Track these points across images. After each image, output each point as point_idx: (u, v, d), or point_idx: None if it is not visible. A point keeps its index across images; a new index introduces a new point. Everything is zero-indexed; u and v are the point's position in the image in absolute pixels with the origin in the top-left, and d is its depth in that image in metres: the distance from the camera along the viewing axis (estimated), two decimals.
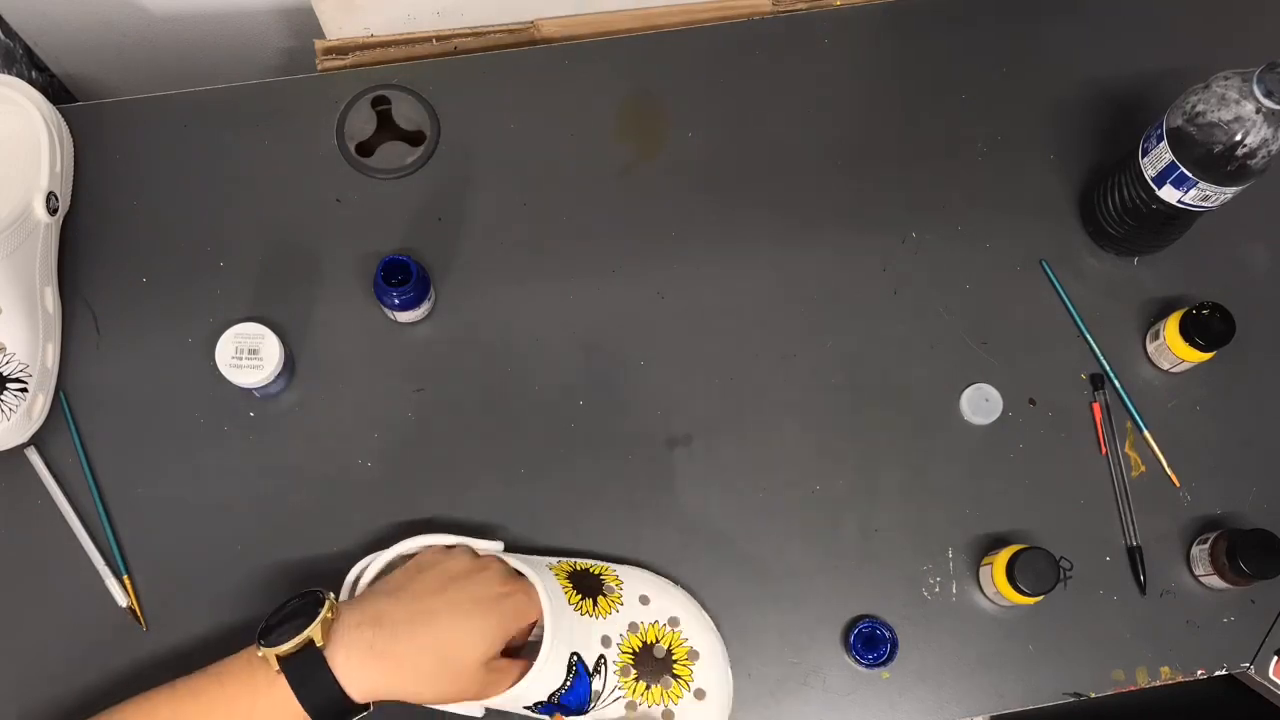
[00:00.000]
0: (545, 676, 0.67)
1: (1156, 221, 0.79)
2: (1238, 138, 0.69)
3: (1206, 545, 0.77)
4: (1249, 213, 0.82)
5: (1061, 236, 0.86)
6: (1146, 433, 0.81)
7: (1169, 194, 0.75)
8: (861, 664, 0.75)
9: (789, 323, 0.83)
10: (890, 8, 0.92)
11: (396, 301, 0.77)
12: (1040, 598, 0.72)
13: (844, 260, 0.85)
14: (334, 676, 0.61)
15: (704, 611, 0.75)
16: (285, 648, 0.61)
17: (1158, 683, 0.77)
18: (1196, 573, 0.78)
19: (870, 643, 0.75)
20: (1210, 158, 0.71)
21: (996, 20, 0.91)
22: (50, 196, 0.79)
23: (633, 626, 0.72)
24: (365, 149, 0.87)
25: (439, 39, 0.91)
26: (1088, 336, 0.83)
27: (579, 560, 0.75)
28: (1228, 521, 0.80)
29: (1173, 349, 0.79)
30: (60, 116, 0.84)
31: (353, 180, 0.86)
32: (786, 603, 0.78)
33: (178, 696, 0.63)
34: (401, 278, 0.76)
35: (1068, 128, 0.88)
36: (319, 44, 0.91)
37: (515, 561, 0.70)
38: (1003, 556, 0.73)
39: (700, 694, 0.71)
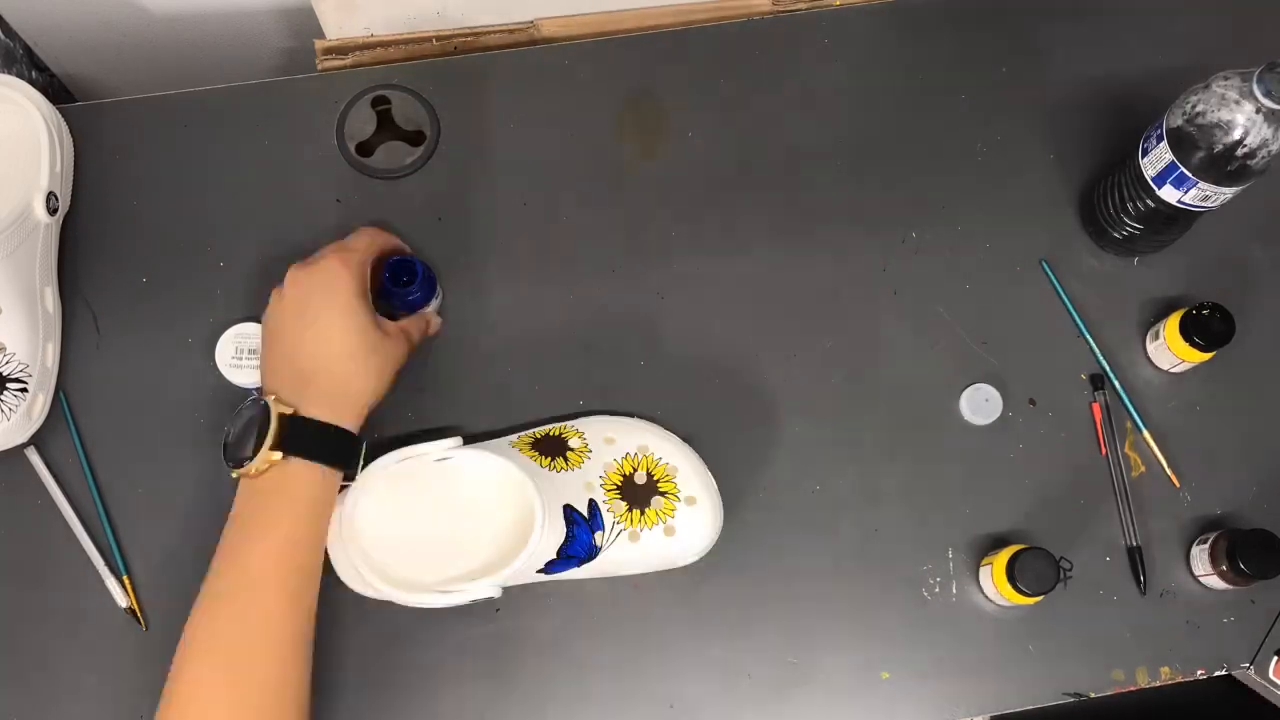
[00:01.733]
0: (548, 537, 0.69)
1: (1156, 221, 0.79)
2: (1237, 138, 0.69)
3: (1206, 545, 0.77)
4: (1249, 213, 0.82)
5: (1061, 236, 0.86)
6: (1146, 433, 0.81)
7: (1169, 194, 0.75)
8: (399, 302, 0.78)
9: (789, 323, 0.83)
10: (890, 8, 0.92)
11: (407, 301, 0.77)
12: (1040, 598, 0.72)
13: (844, 260, 0.85)
14: (334, 426, 0.69)
15: (668, 431, 0.78)
16: (271, 439, 0.67)
17: (1158, 683, 0.77)
18: (1196, 573, 0.78)
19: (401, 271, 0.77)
20: (1210, 158, 0.71)
21: (996, 20, 0.91)
22: (50, 196, 0.79)
23: (607, 466, 0.75)
24: (365, 149, 0.87)
25: (439, 39, 0.91)
26: (1088, 336, 0.83)
27: (537, 429, 0.78)
28: (1228, 521, 0.80)
29: (1172, 349, 0.79)
30: (60, 116, 0.84)
31: (353, 180, 0.86)
32: (786, 603, 0.78)
33: (220, 572, 0.68)
34: (408, 278, 0.76)
35: (1068, 128, 0.88)
36: (319, 44, 0.91)
37: (477, 450, 0.72)
38: (1003, 557, 0.73)
39: (691, 500, 0.75)
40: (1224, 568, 0.75)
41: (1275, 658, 0.77)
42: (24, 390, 0.76)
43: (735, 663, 0.76)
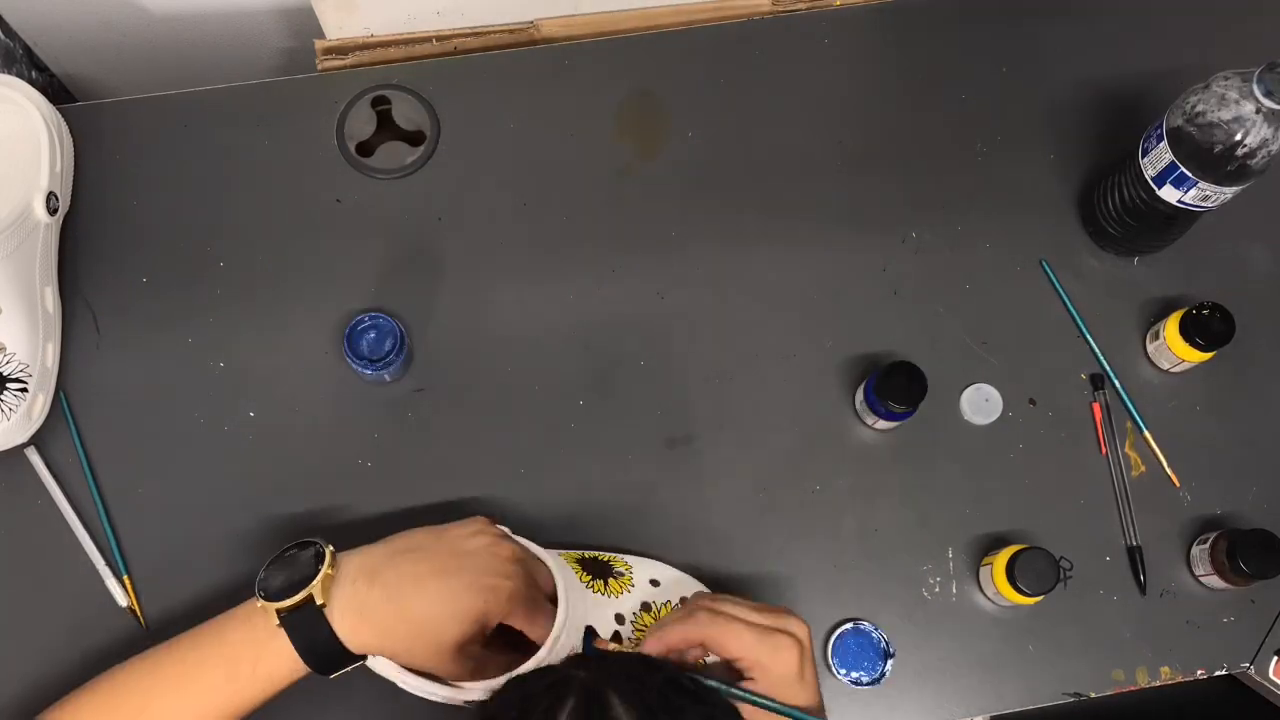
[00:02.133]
0: (560, 649, 0.66)
1: (1156, 221, 0.79)
2: (1238, 138, 0.69)
3: (1206, 545, 0.77)
4: (1249, 213, 0.82)
5: (1061, 236, 0.86)
6: (1146, 433, 0.81)
7: (1169, 194, 0.75)
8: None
9: (789, 323, 0.83)
10: (890, 8, 0.92)
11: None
12: (1040, 598, 0.72)
13: (844, 260, 0.85)
14: (333, 632, 0.63)
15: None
16: (287, 603, 0.62)
17: (1158, 683, 0.77)
18: (1196, 573, 0.78)
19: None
20: (1210, 158, 0.71)
21: (996, 20, 0.91)
22: (50, 196, 0.79)
23: (645, 606, 0.71)
24: (365, 149, 0.87)
25: (439, 39, 0.91)
26: (1088, 336, 0.83)
27: (587, 550, 0.75)
28: (1228, 521, 0.80)
29: (1173, 349, 0.79)
30: (60, 116, 0.84)
31: (353, 180, 0.86)
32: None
33: (179, 649, 0.65)
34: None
35: (1068, 128, 0.88)
36: (319, 44, 0.91)
37: (525, 543, 0.70)
38: (1003, 556, 0.73)
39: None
40: (1224, 568, 0.75)
41: (1275, 658, 0.77)
42: (24, 390, 0.76)
43: None
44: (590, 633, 0.67)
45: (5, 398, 0.75)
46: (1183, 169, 0.73)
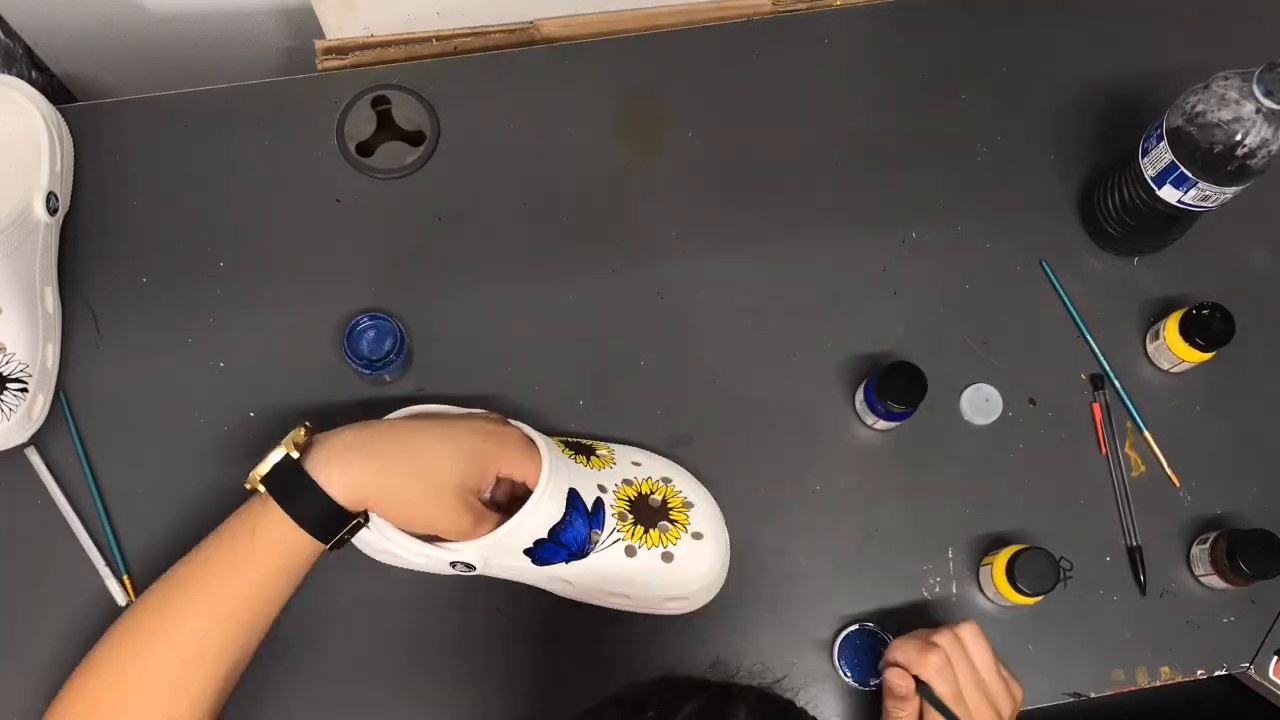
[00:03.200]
0: (544, 506, 0.67)
1: (1156, 221, 0.79)
2: (1237, 138, 0.69)
3: (1206, 545, 0.77)
4: (1249, 213, 0.82)
5: (1061, 236, 0.86)
6: (1146, 433, 0.81)
7: (1169, 194, 0.75)
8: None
9: (789, 323, 0.83)
10: (890, 7, 0.92)
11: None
12: (1040, 598, 0.72)
13: (844, 260, 0.85)
14: (315, 482, 0.61)
15: (695, 479, 0.76)
16: (261, 468, 0.62)
17: (1158, 683, 0.77)
18: (1196, 573, 0.78)
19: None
20: (1210, 158, 0.71)
21: (996, 20, 0.91)
22: (50, 196, 0.79)
23: (627, 480, 0.73)
24: (365, 149, 0.87)
25: (439, 39, 0.91)
26: (1087, 336, 0.83)
27: (571, 436, 0.77)
28: (1228, 521, 0.80)
29: (1173, 349, 0.79)
30: (60, 116, 0.84)
31: (353, 180, 0.86)
32: (786, 602, 0.78)
33: (190, 555, 0.65)
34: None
35: (1068, 128, 0.88)
36: (319, 44, 0.91)
37: (511, 422, 0.72)
38: (1003, 556, 0.73)
39: (698, 535, 0.72)
40: (1224, 568, 0.75)
41: (1275, 658, 0.77)
42: (24, 390, 0.76)
43: (735, 664, 0.76)
44: (575, 495, 0.69)
45: (5, 398, 0.75)
46: (1183, 169, 0.73)
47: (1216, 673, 0.77)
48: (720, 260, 0.85)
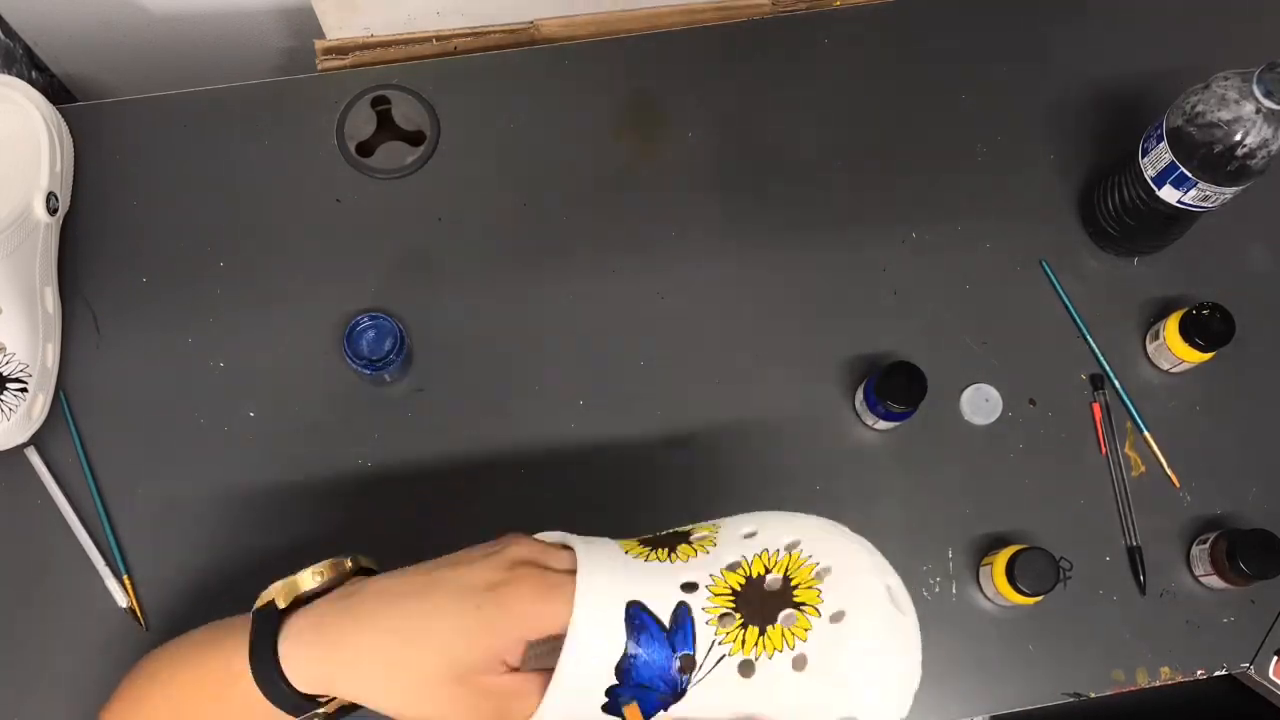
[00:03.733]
0: (589, 643, 0.47)
1: (1156, 222, 0.79)
2: (1237, 138, 0.69)
3: (1206, 545, 0.77)
4: (1249, 213, 0.82)
5: (1061, 236, 0.86)
6: (1146, 433, 0.81)
7: (1169, 194, 0.75)
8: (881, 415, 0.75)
9: (789, 323, 0.83)
10: (890, 8, 0.92)
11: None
12: (1040, 598, 0.72)
13: (844, 260, 0.85)
14: (277, 656, 0.50)
15: (844, 528, 0.53)
16: (263, 596, 0.52)
17: (1158, 683, 0.77)
18: (1196, 573, 0.78)
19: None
20: (1210, 158, 0.71)
21: (996, 20, 0.91)
22: (50, 196, 0.79)
23: (732, 565, 0.50)
24: (365, 149, 0.87)
25: (439, 39, 0.91)
26: (1087, 337, 0.83)
27: (680, 528, 0.55)
28: (1228, 521, 0.80)
29: (1172, 349, 0.79)
30: (60, 116, 0.84)
31: (353, 180, 0.86)
32: None
33: (183, 647, 0.56)
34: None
35: (1067, 128, 0.88)
36: (319, 44, 0.91)
37: (553, 535, 0.54)
38: (1003, 556, 0.73)
39: (838, 616, 0.48)
40: (1224, 568, 0.75)
41: (1275, 658, 0.77)
42: (24, 390, 0.76)
43: None
44: (638, 611, 0.48)
45: (5, 398, 0.75)
46: (1183, 169, 0.73)
47: (1216, 673, 0.77)
48: (720, 260, 0.85)
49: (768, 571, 0.49)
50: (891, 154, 0.88)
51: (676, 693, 0.48)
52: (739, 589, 0.49)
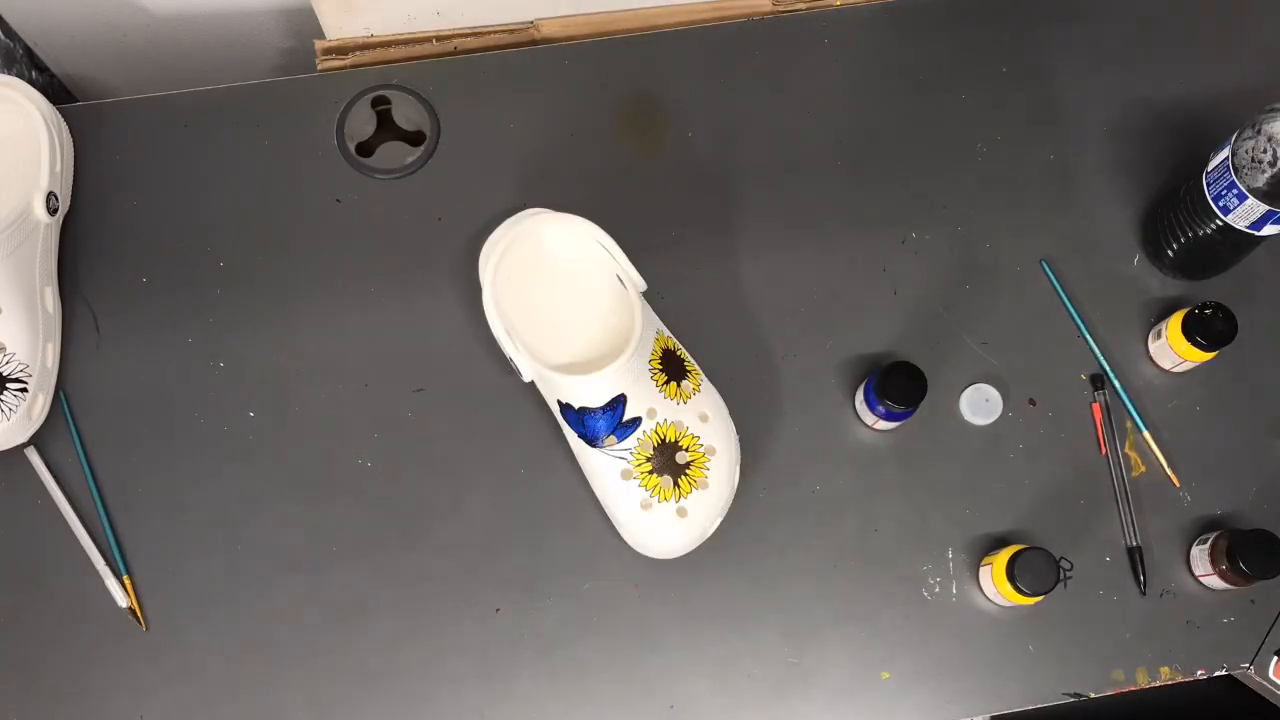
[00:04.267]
0: (599, 385, 0.71)
1: (1242, 249, 0.79)
2: None
3: (1206, 545, 0.77)
4: None
5: (1061, 236, 0.86)
6: (1146, 433, 0.81)
7: (1271, 230, 0.75)
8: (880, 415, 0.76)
9: (789, 323, 0.83)
10: (890, 8, 0.92)
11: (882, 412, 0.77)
12: (1040, 598, 0.72)
13: (844, 260, 0.85)
14: None
15: (737, 461, 0.77)
16: None
17: (1158, 683, 0.77)
18: (1196, 573, 0.78)
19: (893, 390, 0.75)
20: None
21: (996, 20, 0.91)
22: (50, 196, 0.79)
23: (679, 424, 0.74)
24: (365, 149, 0.87)
25: (439, 39, 0.91)
26: (1087, 337, 0.83)
27: (680, 345, 0.79)
28: (1228, 521, 0.80)
29: (1174, 348, 0.79)
30: (60, 116, 0.84)
31: (353, 180, 0.86)
32: (786, 602, 0.78)
33: None
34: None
35: (1067, 127, 0.88)
36: (319, 44, 0.91)
37: (634, 295, 0.74)
38: (1002, 557, 0.73)
39: (682, 512, 0.74)
40: (1224, 568, 0.75)
41: (1275, 658, 0.77)
42: (24, 390, 0.76)
43: (735, 663, 0.76)
44: (622, 401, 0.72)
45: (5, 398, 0.75)
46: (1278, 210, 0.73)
47: (1216, 673, 0.77)
48: (720, 260, 0.85)
49: (685, 448, 0.74)
50: (891, 154, 0.88)
51: (591, 441, 0.74)
52: (665, 440, 0.74)
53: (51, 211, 0.80)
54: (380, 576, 0.77)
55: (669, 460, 0.74)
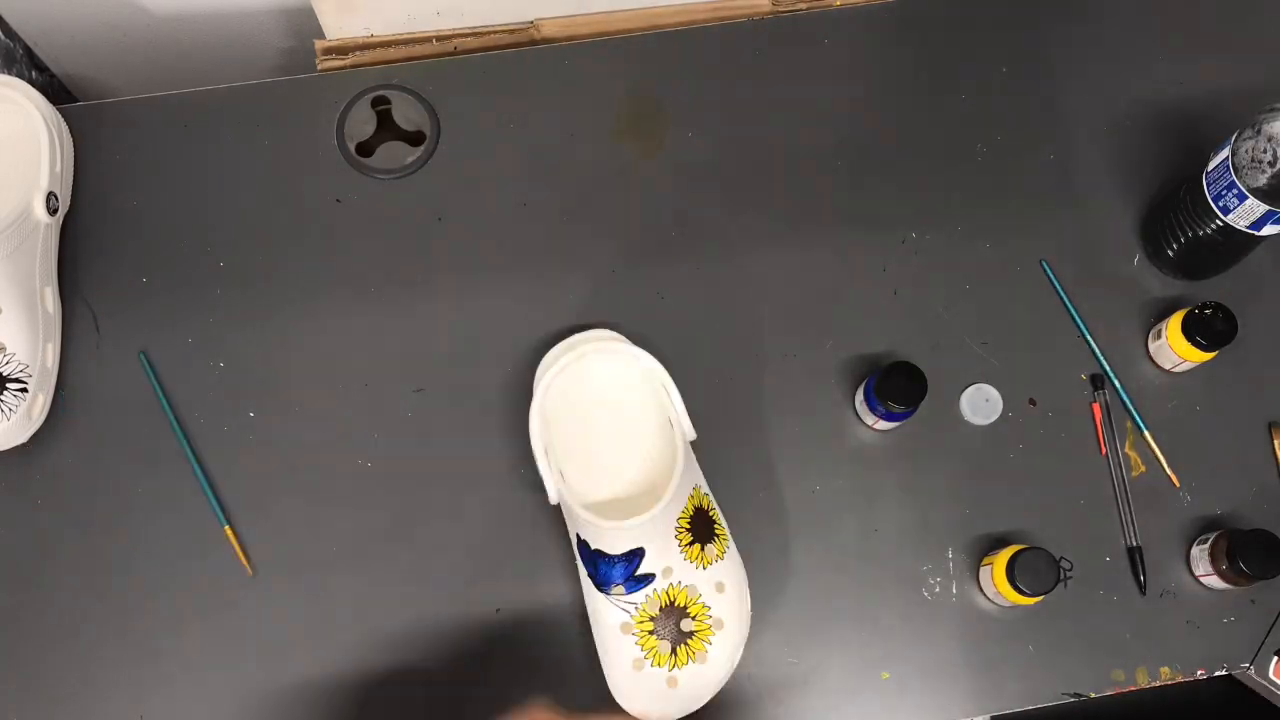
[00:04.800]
0: (619, 535, 0.68)
1: (1242, 249, 0.79)
2: None
3: (1206, 545, 0.77)
4: None
5: (1062, 237, 0.86)
6: (1147, 433, 0.81)
7: (1271, 230, 0.75)
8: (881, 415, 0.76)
9: (789, 323, 0.83)
10: (890, 8, 0.92)
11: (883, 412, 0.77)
12: (1040, 598, 0.72)
13: (844, 260, 0.85)
14: None
15: (743, 640, 0.74)
16: None
17: (1158, 683, 0.77)
18: (1196, 573, 0.78)
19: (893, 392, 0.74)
20: None
21: (996, 21, 0.91)
22: (50, 196, 0.79)
23: (692, 589, 0.71)
24: (365, 149, 0.87)
25: (439, 39, 0.91)
26: (1088, 336, 0.83)
27: (716, 505, 0.76)
28: (1228, 521, 0.80)
29: (1174, 348, 0.79)
30: (60, 116, 0.84)
31: (353, 180, 0.86)
32: (786, 602, 0.78)
33: None
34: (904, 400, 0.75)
35: (1067, 127, 0.88)
36: (319, 44, 0.91)
37: (681, 444, 0.72)
38: (1003, 557, 0.73)
39: (673, 682, 0.71)
40: (1224, 568, 0.75)
41: (1275, 658, 0.77)
42: (24, 390, 0.76)
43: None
44: (640, 555, 0.69)
45: (5, 398, 0.75)
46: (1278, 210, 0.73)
47: (1216, 673, 0.77)
48: (720, 260, 0.85)
49: (694, 616, 0.71)
50: (891, 154, 0.88)
51: (601, 587, 0.71)
52: (674, 603, 0.71)
53: (51, 211, 0.80)
54: (380, 576, 0.77)
55: (674, 625, 0.71)
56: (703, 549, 0.72)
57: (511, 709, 0.73)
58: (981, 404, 0.81)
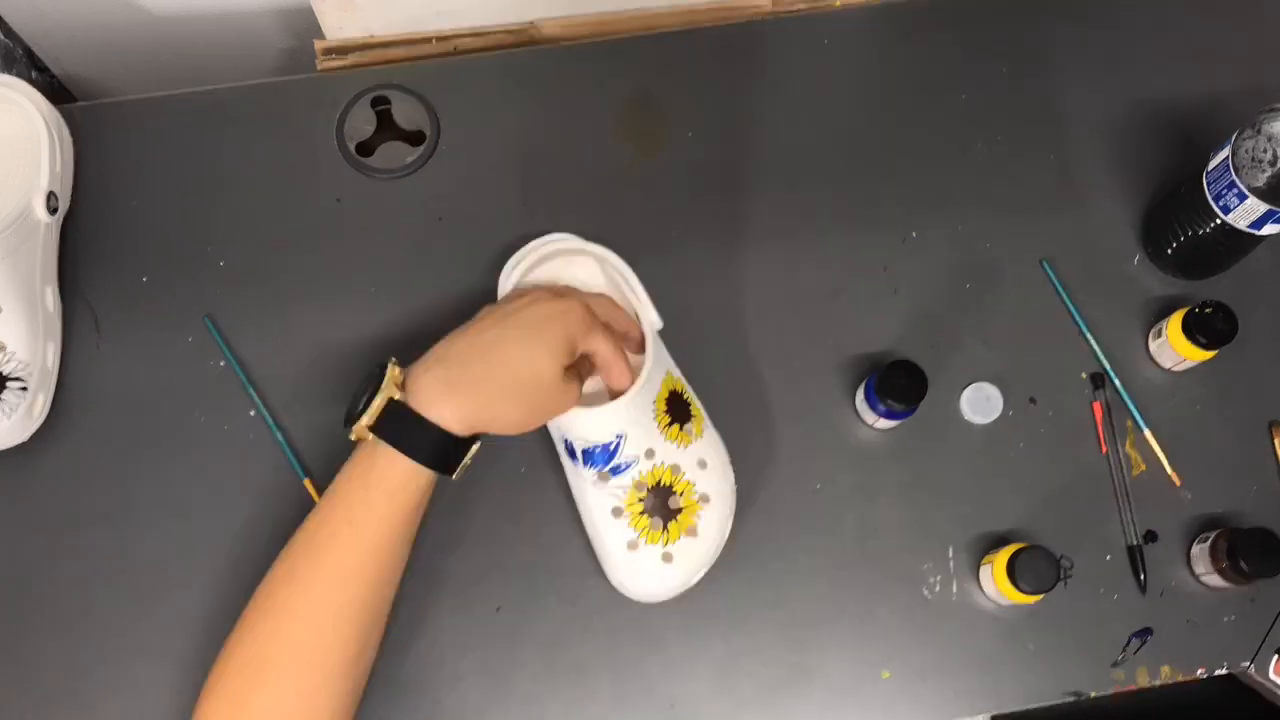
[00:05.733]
0: (600, 422, 0.71)
1: (1244, 249, 0.79)
2: None
3: (1207, 544, 0.77)
4: None
5: (1061, 236, 0.86)
6: (1147, 432, 0.81)
7: (1270, 229, 0.75)
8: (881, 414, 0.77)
9: (789, 322, 0.83)
10: (890, 8, 0.92)
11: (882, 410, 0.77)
12: (1040, 597, 0.72)
13: (844, 260, 0.85)
14: (425, 419, 0.63)
15: (731, 512, 0.76)
16: (367, 418, 0.63)
17: (1158, 683, 0.77)
18: (1196, 572, 0.78)
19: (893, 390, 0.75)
20: None
21: (996, 20, 0.91)
22: (50, 196, 0.79)
23: (675, 468, 0.74)
24: (365, 149, 0.87)
25: (439, 39, 0.91)
26: (1088, 336, 0.83)
27: (689, 388, 0.78)
28: (1228, 521, 0.80)
29: (1175, 347, 0.79)
30: (60, 116, 0.84)
31: (353, 180, 0.86)
32: (786, 602, 0.78)
33: (305, 523, 0.66)
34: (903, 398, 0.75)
35: (1067, 127, 0.88)
36: (319, 44, 0.91)
37: (649, 333, 0.74)
38: (1003, 556, 0.73)
39: (667, 557, 0.74)
40: (1224, 566, 0.75)
41: (1275, 657, 0.77)
42: (24, 389, 0.76)
43: (735, 663, 0.76)
44: (621, 439, 0.71)
45: (5, 397, 0.75)
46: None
47: (1217, 672, 0.77)
48: (720, 260, 0.85)
49: (680, 494, 0.74)
50: (892, 154, 0.88)
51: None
52: (660, 484, 0.73)
53: (51, 211, 0.80)
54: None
55: (661, 503, 0.73)
56: (682, 428, 0.74)
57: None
58: (982, 403, 0.81)
